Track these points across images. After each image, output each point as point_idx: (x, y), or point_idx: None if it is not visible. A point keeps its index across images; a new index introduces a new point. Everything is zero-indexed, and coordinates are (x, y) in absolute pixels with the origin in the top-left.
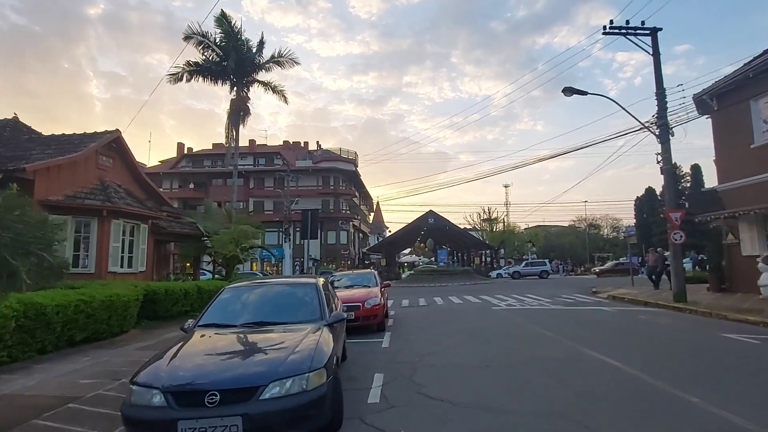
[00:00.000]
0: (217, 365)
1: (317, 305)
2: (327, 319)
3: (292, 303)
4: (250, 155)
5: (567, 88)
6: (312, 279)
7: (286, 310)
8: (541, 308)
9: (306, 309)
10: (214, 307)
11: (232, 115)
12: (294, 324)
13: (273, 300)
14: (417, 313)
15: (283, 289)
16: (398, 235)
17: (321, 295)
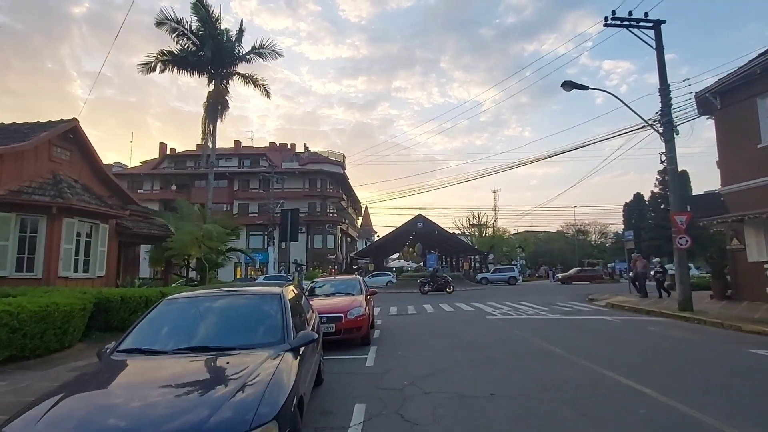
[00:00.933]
0: (113, 421)
1: (279, 323)
2: (291, 341)
3: (247, 320)
4: (235, 156)
5: (567, 82)
6: (276, 289)
7: (239, 331)
8: (540, 318)
9: (265, 328)
10: (143, 326)
11: (210, 108)
12: (247, 349)
13: (223, 316)
14: (406, 323)
15: (239, 302)
16: (387, 239)
17: (285, 310)
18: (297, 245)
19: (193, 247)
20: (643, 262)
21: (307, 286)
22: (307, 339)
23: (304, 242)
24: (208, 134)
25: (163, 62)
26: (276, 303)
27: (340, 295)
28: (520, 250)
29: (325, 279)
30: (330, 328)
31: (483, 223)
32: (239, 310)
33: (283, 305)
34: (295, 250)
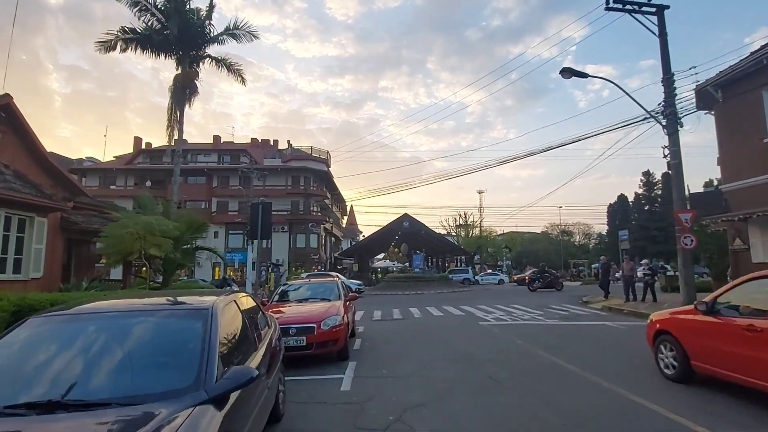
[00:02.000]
0: None
1: (195, 358)
2: (212, 387)
3: (144, 354)
4: (214, 152)
5: (566, 69)
6: (206, 301)
7: (125, 372)
8: (537, 323)
9: (170, 367)
10: None
11: (176, 93)
12: (129, 405)
13: (108, 347)
14: (391, 331)
15: (139, 324)
16: (372, 239)
17: (209, 337)
18: (279, 244)
19: (130, 243)
20: (630, 265)
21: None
22: (238, 381)
23: (286, 241)
24: (175, 121)
25: (124, 40)
26: (197, 326)
27: (314, 300)
28: (507, 250)
29: (300, 281)
30: (299, 341)
31: (469, 224)
32: (136, 336)
33: (207, 329)
34: (276, 249)
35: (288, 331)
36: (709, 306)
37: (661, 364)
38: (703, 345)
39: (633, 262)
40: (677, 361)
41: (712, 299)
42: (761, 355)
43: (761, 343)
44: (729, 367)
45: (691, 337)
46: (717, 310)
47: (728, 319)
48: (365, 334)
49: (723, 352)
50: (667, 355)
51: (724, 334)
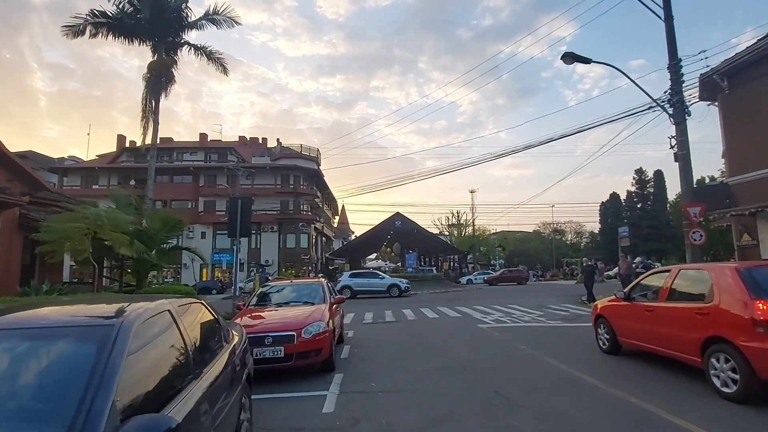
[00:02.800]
0: None
1: (71, 405)
2: None
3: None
4: (201, 150)
5: (567, 54)
6: (115, 312)
7: None
8: (539, 326)
9: (35, 419)
10: None
11: (151, 81)
12: None
13: None
14: (383, 335)
15: (6, 349)
16: (364, 239)
17: (103, 370)
18: (268, 245)
19: (79, 238)
20: (626, 263)
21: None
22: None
23: (276, 242)
24: (150, 112)
25: (93, 24)
26: (86, 353)
27: (296, 304)
28: (500, 249)
29: (281, 283)
30: (276, 352)
31: (462, 223)
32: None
33: (101, 360)
34: (266, 249)
35: (263, 341)
36: (627, 294)
37: (599, 341)
38: (623, 324)
39: (629, 261)
40: (609, 337)
41: (629, 289)
42: (654, 328)
43: (653, 319)
44: (639, 338)
45: (616, 319)
46: (632, 297)
47: (637, 304)
48: (355, 340)
49: (635, 328)
50: (603, 335)
51: (634, 315)
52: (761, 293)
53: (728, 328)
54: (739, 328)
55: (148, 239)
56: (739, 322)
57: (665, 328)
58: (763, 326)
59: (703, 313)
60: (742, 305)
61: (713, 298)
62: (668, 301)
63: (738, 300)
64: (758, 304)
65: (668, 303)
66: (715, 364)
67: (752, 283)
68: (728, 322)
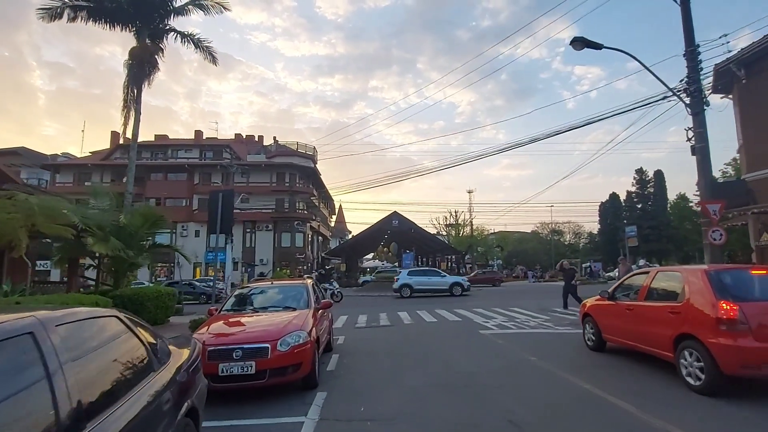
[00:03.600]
0: None
1: None
2: None
3: None
4: (196, 147)
5: (577, 39)
6: None
7: None
8: (546, 332)
9: None
10: None
11: (133, 69)
12: None
13: None
14: (376, 341)
15: None
16: (360, 238)
17: None
18: (263, 243)
19: (11, 231)
20: (626, 266)
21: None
22: None
23: (271, 240)
24: (131, 101)
25: (72, 8)
26: None
27: (275, 309)
28: (499, 249)
29: (260, 284)
30: (247, 368)
31: (460, 223)
32: None
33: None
34: (260, 248)
35: (231, 355)
36: (610, 294)
37: (586, 339)
38: (607, 322)
39: (629, 264)
40: (594, 335)
41: (614, 289)
42: (634, 326)
43: (633, 318)
44: (620, 335)
45: (600, 317)
46: (616, 297)
47: (619, 303)
48: (345, 347)
49: (617, 325)
50: (589, 332)
51: (617, 313)
52: (726, 294)
53: (697, 326)
54: (705, 326)
55: (128, 236)
56: (706, 320)
57: (643, 325)
58: (725, 324)
59: (675, 311)
60: (709, 305)
61: (684, 298)
62: (646, 300)
63: (705, 300)
64: (722, 304)
65: (646, 302)
66: (685, 359)
67: (719, 284)
68: (697, 321)
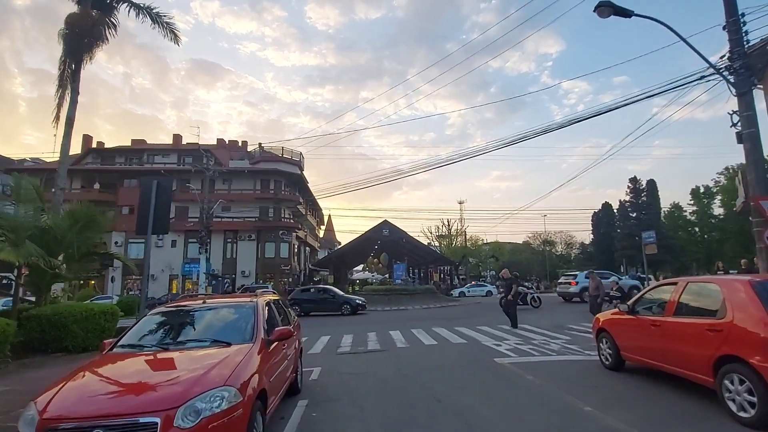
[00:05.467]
0: None
1: None
2: None
3: None
4: (174, 152)
5: (604, 4)
6: None
7: None
8: (578, 359)
9: None
10: None
11: (70, 39)
12: None
13: None
14: (362, 377)
15: None
16: (349, 248)
17: None
18: (245, 255)
19: None
20: (595, 281)
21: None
22: None
23: (254, 251)
24: (67, 77)
25: None
26: None
27: (197, 345)
28: (494, 260)
29: (188, 303)
30: None
31: (452, 234)
32: None
33: None
34: (242, 259)
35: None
36: (630, 307)
37: (602, 357)
38: (627, 339)
39: (599, 279)
40: (611, 353)
41: (633, 302)
42: (661, 344)
43: (660, 335)
44: (644, 354)
45: (619, 333)
46: (636, 311)
47: (642, 317)
48: (319, 386)
49: (639, 343)
50: (605, 350)
51: (639, 330)
52: None
53: (743, 347)
54: (755, 347)
55: (53, 241)
56: (755, 340)
57: (673, 344)
58: None
59: (715, 329)
60: (759, 322)
61: (726, 314)
62: (676, 315)
63: (754, 316)
64: None
65: (676, 318)
66: (729, 386)
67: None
68: (743, 340)
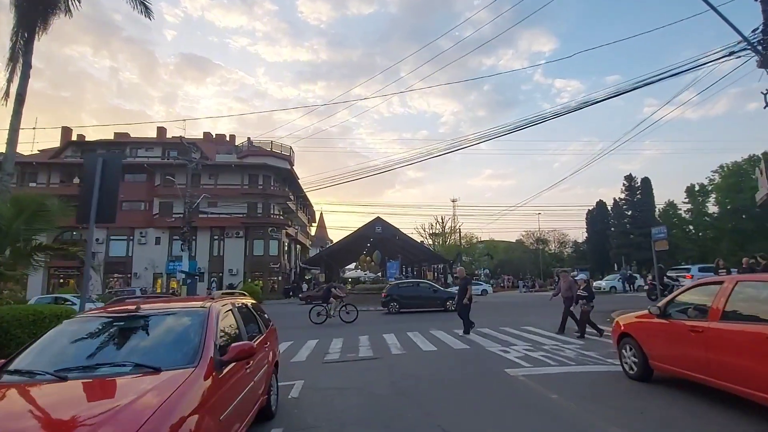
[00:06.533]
0: None
1: None
2: None
3: None
4: (158, 146)
5: None
6: None
7: None
8: (603, 371)
9: None
10: None
11: (23, 7)
12: None
13: None
14: (351, 395)
15: None
16: (341, 246)
17: None
18: (233, 252)
19: None
20: (567, 281)
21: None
22: None
23: (242, 248)
24: (19, 49)
25: None
26: None
27: (113, 373)
28: (489, 258)
29: (117, 310)
30: None
31: (446, 231)
32: None
33: None
34: (230, 257)
35: None
36: (662, 309)
37: (625, 365)
38: (658, 346)
39: (571, 279)
40: (637, 361)
41: (665, 303)
42: (705, 355)
43: (704, 344)
44: (680, 364)
45: (647, 339)
46: (669, 314)
47: (677, 322)
48: (299, 405)
49: (675, 351)
50: (629, 357)
51: (674, 336)
52: None
53: None
54: None
55: None
56: None
57: (722, 354)
58: None
59: None
60: None
61: None
62: (724, 320)
63: None
64: None
65: (725, 324)
66: None
67: None
68: None
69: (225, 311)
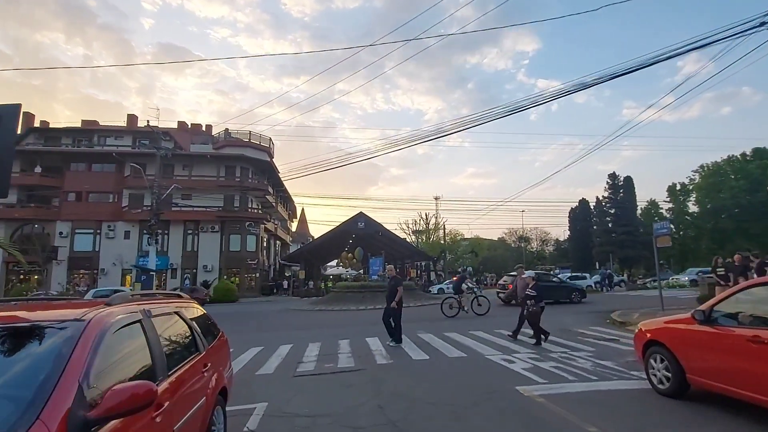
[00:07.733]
0: None
1: None
2: None
3: None
4: (128, 134)
5: None
6: None
7: None
8: (634, 389)
9: None
10: None
11: None
12: None
13: None
14: (322, 424)
15: None
16: (322, 241)
17: None
18: (208, 247)
19: None
20: (523, 281)
21: None
22: None
23: (217, 243)
24: None
25: None
26: None
27: None
28: (474, 255)
29: None
30: None
31: (430, 228)
32: None
33: None
34: (204, 252)
35: None
36: (707, 315)
37: (653, 378)
38: (701, 357)
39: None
40: (671, 374)
41: (709, 308)
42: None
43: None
44: (732, 382)
45: (686, 349)
46: (714, 320)
47: (727, 329)
48: None
49: (724, 365)
50: (659, 369)
51: (723, 346)
52: None
53: None
54: None
55: None
56: None
57: None
58: None
59: None
60: None
61: None
62: None
63: None
64: None
65: None
66: None
67: None
68: None
69: (123, 326)
